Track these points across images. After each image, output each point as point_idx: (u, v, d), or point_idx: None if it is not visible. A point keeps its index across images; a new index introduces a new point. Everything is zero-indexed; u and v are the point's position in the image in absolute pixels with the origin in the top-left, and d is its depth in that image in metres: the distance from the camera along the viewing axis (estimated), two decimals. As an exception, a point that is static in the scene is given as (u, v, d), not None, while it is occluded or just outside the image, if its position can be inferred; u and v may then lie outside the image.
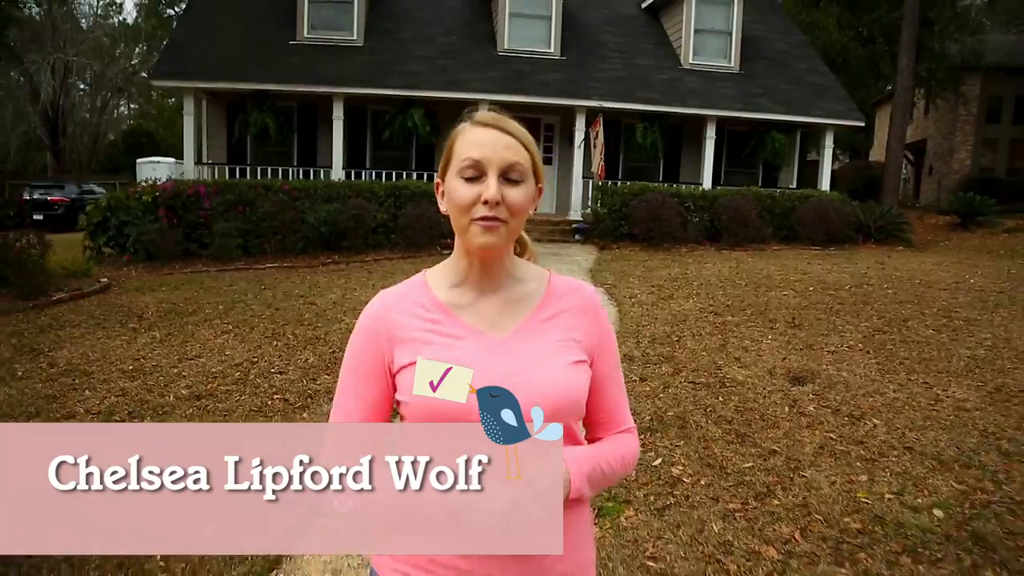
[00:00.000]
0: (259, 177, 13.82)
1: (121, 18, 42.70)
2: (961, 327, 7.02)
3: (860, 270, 10.54)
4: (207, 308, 7.86)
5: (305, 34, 14.82)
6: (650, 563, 2.98)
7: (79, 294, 8.92)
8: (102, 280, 9.91)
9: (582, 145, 14.83)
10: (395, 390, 1.22)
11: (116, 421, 4.54)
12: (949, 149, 29.30)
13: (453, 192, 1.19)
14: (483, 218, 1.16)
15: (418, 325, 1.22)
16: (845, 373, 5.52)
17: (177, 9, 40.20)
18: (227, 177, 14.03)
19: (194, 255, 11.90)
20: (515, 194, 1.18)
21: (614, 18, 17.90)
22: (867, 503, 3.47)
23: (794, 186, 17.26)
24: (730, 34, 16.56)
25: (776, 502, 3.48)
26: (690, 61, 16.41)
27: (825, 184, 16.28)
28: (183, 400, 4.89)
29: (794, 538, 3.17)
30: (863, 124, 16.97)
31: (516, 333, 1.22)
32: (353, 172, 14.79)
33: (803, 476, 3.76)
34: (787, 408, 4.75)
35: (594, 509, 3.48)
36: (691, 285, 9.09)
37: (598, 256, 12.05)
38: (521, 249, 1.35)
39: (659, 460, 3.94)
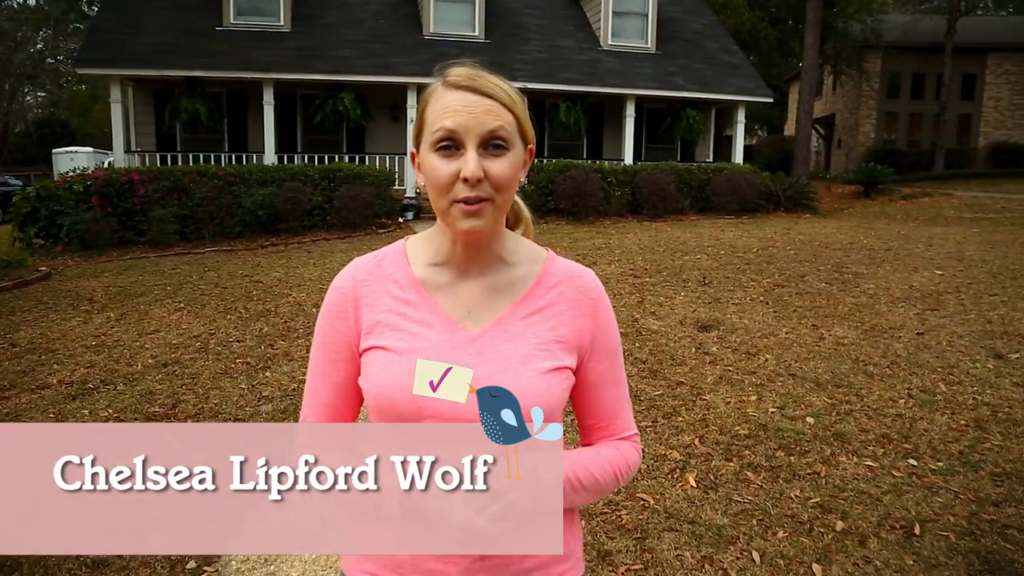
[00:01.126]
0: (191, 163, 13.93)
1: (22, 0, 40.95)
2: (849, 280, 7.94)
3: (768, 235, 11.49)
4: (155, 289, 8.17)
5: (232, 20, 14.92)
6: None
7: (21, 282, 9.05)
8: (41, 269, 10.02)
9: (509, 125, 15.39)
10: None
11: (89, 389, 4.93)
12: (855, 123, 31.06)
13: (429, 168, 1.05)
14: (465, 199, 1.03)
15: (387, 304, 1.11)
16: (746, 320, 6.31)
17: (87, -7, 38.82)
18: (158, 164, 14.08)
19: (131, 242, 12.01)
20: (499, 166, 1.04)
21: (536, 1, 18.47)
22: (754, 416, 4.20)
23: (711, 160, 18.29)
24: (647, 16, 17.36)
25: (680, 419, 4.18)
26: (609, 42, 17.14)
27: (738, 157, 17.31)
28: (151, 368, 5.31)
29: (694, 444, 3.87)
30: (772, 100, 18.06)
31: (493, 327, 1.11)
32: (285, 156, 15.01)
33: (703, 400, 4.47)
34: (694, 350, 5.49)
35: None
36: (613, 253, 9.82)
37: (528, 231, 12.68)
38: (515, 221, 1.23)
39: (584, 393, 4.60)
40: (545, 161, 15.45)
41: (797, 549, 2.92)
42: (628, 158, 16.30)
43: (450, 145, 1.03)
